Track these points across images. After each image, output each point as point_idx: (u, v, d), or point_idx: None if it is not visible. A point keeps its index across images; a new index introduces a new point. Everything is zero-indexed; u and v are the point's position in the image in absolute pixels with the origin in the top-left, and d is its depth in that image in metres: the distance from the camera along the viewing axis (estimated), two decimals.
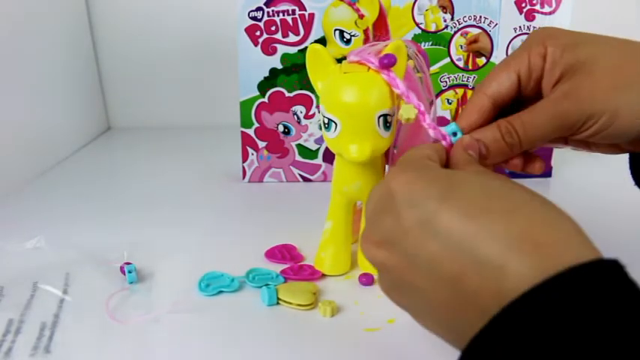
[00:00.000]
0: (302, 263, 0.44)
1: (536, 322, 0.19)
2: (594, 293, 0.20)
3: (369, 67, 0.36)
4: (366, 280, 0.41)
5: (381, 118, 0.36)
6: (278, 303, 0.38)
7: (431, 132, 0.35)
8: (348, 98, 0.35)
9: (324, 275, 0.42)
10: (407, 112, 0.34)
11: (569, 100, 0.30)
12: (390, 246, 0.25)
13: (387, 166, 0.45)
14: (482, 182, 0.25)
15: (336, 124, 0.36)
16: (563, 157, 0.66)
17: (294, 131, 0.62)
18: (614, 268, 0.21)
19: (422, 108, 0.35)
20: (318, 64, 0.38)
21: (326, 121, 0.37)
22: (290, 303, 0.38)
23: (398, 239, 0.25)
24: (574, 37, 0.32)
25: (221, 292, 0.40)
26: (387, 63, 0.35)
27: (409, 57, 0.39)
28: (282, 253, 0.45)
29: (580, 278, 0.20)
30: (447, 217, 0.23)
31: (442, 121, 0.63)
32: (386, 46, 0.37)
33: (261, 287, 0.39)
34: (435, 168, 0.28)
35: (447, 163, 0.31)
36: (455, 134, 0.33)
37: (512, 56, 0.33)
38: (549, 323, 0.19)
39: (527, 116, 0.31)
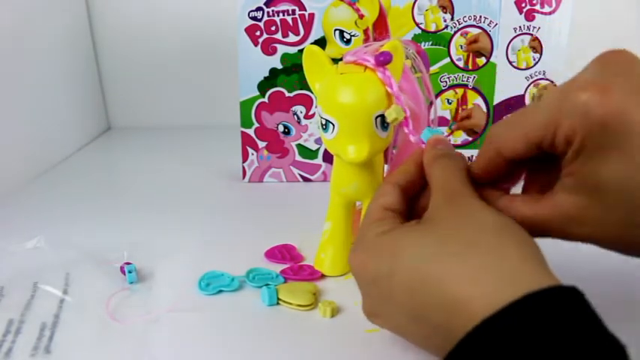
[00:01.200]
0: (302, 263, 0.44)
1: (494, 348, 0.21)
2: (551, 318, 0.21)
3: (366, 67, 0.36)
4: None
5: (379, 119, 0.36)
6: (278, 303, 0.38)
7: (412, 138, 0.35)
8: (345, 99, 0.35)
9: (323, 275, 0.42)
10: (395, 113, 0.35)
11: (568, 224, 0.26)
12: (375, 315, 0.30)
13: (385, 166, 0.45)
14: (419, 238, 0.27)
15: (333, 125, 0.36)
16: None
17: (294, 131, 0.62)
18: (570, 295, 0.22)
19: (408, 113, 0.35)
20: (315, 65, 0.38)
21: (323, 122, 0.37)
22: (290, 303, 0.38)
23: (375, 309, 0.30)
24: (618, 124, 0.23)
25: (221, 291, 0.40)
26: (383, 60, 0.35)
27: (407, 57, 0.39)
28: (282, 253, 0.45)
29: (537, 304, 0.21)
30: (400, 290, 0.26)
31: (442, 121, 0.63)
32: (382, 45, 0.37)
33: (261, 287, 0.39)
34: (384, 236, 0.29)
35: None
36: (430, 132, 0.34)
37: (535, 116, 0.26)
38: (506, 348, 0.20)
39: (526, 210, 0.28)
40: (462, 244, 0.25)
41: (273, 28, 0.59)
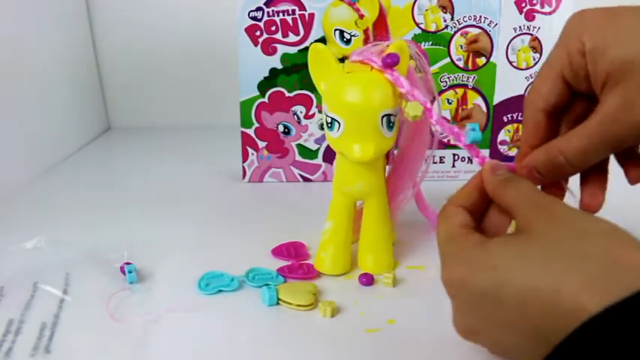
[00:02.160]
0: (305, 262, 0.44)
1: (602, 343, 0.20)
2: None
3: (372, 67, 0.36)
4: (366, 280, 0.41)
5: (385, 118, 0.36)
6: (278, 303, 0.38)
7: (438, 128, 0.34)
8: (352, 98, 0.35)
9: (320, 274, 0.42)
10: (413, 109, 0.34)
11: (620, 118, 0.28)
12: (473, 333, 0.29)
13: (387, 167, 0.45)
14: (523, 250, 0.26)
15: (339, 123, 0.36)
16: None
17: (294, 131, 0.62)
18: None
19: (428, 105, 0.35)
20: (321, 64, 0.38)
21: (329, 120, 0.37)
22: (290, 303, 0.38)
23: (475, 325, 0.28)
24: (614, 24, 0.28)
25: (220, 291, 0.40)
26: (390, 62, 0.35)
27: (411, 57, 0.39)
28: (289, 250, 0.45)
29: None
30: (509, 304, 0.25)
31: None
32: (388, 46, 0.37)
33: (260, 287, 0.39)
34: (479, 249, 0.28)
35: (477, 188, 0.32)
36: (474, 129, 0.33)
37: (552, 57, 0.31)
38: (615, 345, 0.20)
39: (575, 141, 0.30)
40: (571, 254, 0.24)
41: (273, 28, 0.59)
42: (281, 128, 0.62)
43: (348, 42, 0.58)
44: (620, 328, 0.20)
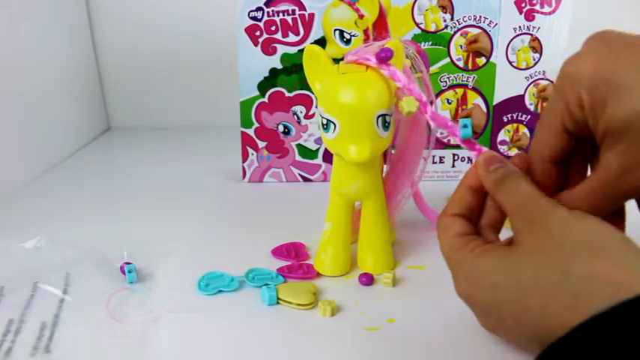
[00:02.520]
0: (304, 262, 0.44)
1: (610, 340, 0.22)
2: None
3: (367, 66, 0.36)
4: (366, 279, 0.41)
5: (380, 119, 0.36)
6: (278, 303, 0.38)
7: (432, 123, 0.34)
8: (347, 99, 0.35)
9: (319, 274, 0.42)
10: (408, 104, 0.34)
11: (620, 180, 0.27)
12: (495, 331, 0.31)
13: (384, 167, 0.45)
14: (514, 267, 0.27)
15: (334, 124, 0.36)
16: None
17: (294, 131, 0.62)
18: None
19: (424, 99, 0.34)
20: (316, 65, 0.38)
21: (324, 122, 0.37)
22: (290, 302, 0.38)
23: (495, 328, 0.30)
24: (612, 74, 0.26)
25: (220, 291, 0.40)
26: (385, 57, 0.35)
27: (407, 57, 0.39)
28: (289, 250, 0.45)
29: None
30: (508, 318, 0.28)
31: None
32: (382, 45, 0.37)
33: (260, 287, 0.39)
34: (478, 263, 0.29)
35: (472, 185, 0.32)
36: (466, 126, 0.32)
37: (551, 108, 0.30)
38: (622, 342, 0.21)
39: (577, 201, 0.29)
40: (557, 271, 0.25)
41: (273, 28, 0.59)
42: (281, 128, 0.62)
43: (348, 42, 0.58)
44: (597, 339, 0.22)
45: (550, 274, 0.25)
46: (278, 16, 0.58)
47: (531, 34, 0.60)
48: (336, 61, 0.38)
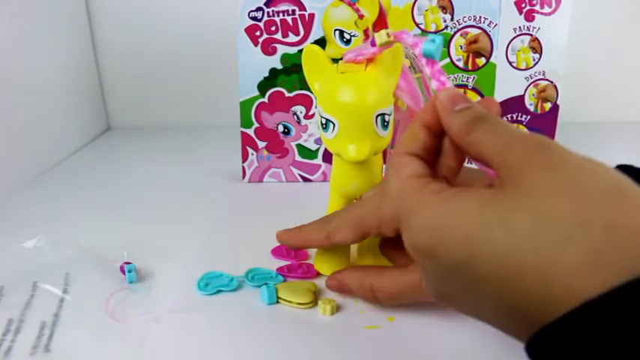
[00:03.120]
0: (304, 262, 0.44)
1: (607, 326, 0.17)
2: None
3: (366, 65, 0.36)
4: None
5: (379, 118, 0.36)
6: (278, 302, 0.38)
7: (408, 39, 0.31)
8: (346, 98, 0.35)
9: (319, 274, 0.42)
10: (379, 37, 0.33)
11: (424, 289, 0.26)
12: (447, 299, 0.25)
13: (384, 166, 0.45)
14: (506, 212, 0.21)
15: (333, 124, 0.36)
16: None
17: (294, 131, 0.62)
18: None
19: (409, 35, 0.31)
20: (315, 65, 0.38)
21: (324, 121, 0.37)
22: (290, 302, 0.38)
23: (448, 294, 0.24)
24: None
25: (220, 291, 0.40)
26: None
27: (406, 57, 0.39)
28: (289, 250, 0.45)
29: None
30: (485, 282, 0.21)
31: None
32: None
33: (260, 287, 0.39)
34: (446, 204, 0.23)
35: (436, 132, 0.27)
36: (433, 41, 0.27)
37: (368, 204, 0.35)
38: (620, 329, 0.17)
39: (386, 289, 0.35)
40: (568, 220, 0.19)
41: (273, 28, 0.59)
42: (281, 128, 0.62)
43: (348, 42, 0.58)
44: (615, 318, 0.17)
45: (558, 225, 0.19)
46: (278, 16, 0.58)
47: (531, 35, 0.60)
48: (336, 61, 0.38)
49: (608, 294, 0.17)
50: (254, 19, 0.58)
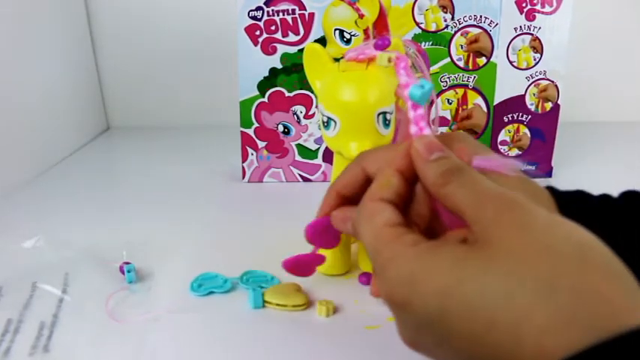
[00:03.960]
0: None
1: None
2: None
3: (367, 64, 0.36)
4: (366, 279, 0.41)
5: (381, 116, 0.36)
6: (264, 306, 0.38)
7: (402, 79, 0.30)
8: (348, 96, 0.35)
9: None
10: (380, 59, 0.33)
11: None
12: (418, 347, 0.25)
13: None
14: (479, 270, 0.21)
15: (335, 122, 0.36)
16: (563, 157, 0.66)
17: (293, 131, 0.62)
18: None
19: (405, 60, 0.31)
20: (316, 63, 0.38)
21: (325, 119, 0.37)
22: (284, 305, 0.37)
23: (420, 343, 0.24)
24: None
25: (212, 292, 0.40)
26: (382, 44, 0.35)
27: (407, 56, 0.39)
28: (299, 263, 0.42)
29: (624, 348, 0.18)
30: (458, 335, 0.21)
31: (443, 121, 0.63)
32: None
33: (254, 289, 0.39)
34: (420, 261, 0.23)
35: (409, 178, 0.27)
36: (422, 87, 0.27)
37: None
38: None
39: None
40: (538, 280, 0.20)
41: (273, 28, 0.59)
42: (281, 128, 0.62)
43: (348, 42, 0.58)
44: None
45: (527, 285, 0.20)
46: (278, 15, 0.58)
47: (532, 34, 0.60)
48: (337, 60, 0.38)
49: (574, 357, 0.18)
50: (254, 18, 0.58)
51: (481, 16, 0.59)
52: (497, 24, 0.59)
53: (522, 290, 0.20)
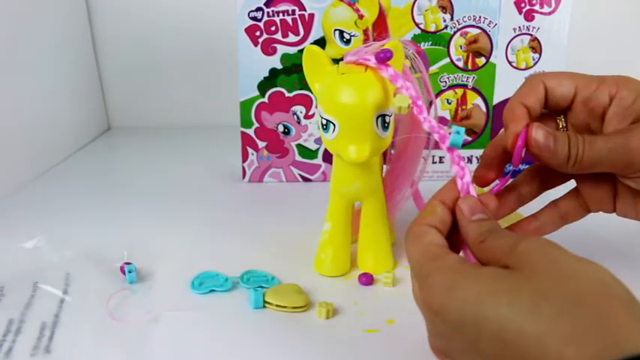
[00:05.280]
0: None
1: None
2: None
3: (367, 67, 0.36)
4: (366, 279, 0.41)
5: (380, 119, 0.36)
6: (264, 307, 0.38)
7: (426, 125, 0.34)
8: (347, 99, 0.35)
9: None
10: (400, 101, 0.34)
11: (634, 138, 0.31)
12: (446, 355, 0.28)
13: (384, 167, 0.45)
14: (513, 287, 0.24)
15: (334, 125, 0.36)
16: None
17: (294, 131, 0.62)
18: None
19: (419, 102, 0.34)
20: (315, 65, 0.38)
21: (324, 122, 0.37)
22: (284, 307, 0.37)
23: (449, 350, 0.27)
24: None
25: (213, 291, 0.40)
26: (384, 57, 0.35)
27: (406, 57, 0.39)
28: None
29: None
30: (488, 341, 0.23)
31: (442, 122, 0.63)
32: (382, 45, 0.37)
33: (255, 289, 0.39)
34: (457, 275, 0.26)
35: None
36: (458, 132, 0.32)
37: (579, 75, 0.35)
38: None
39: (596, 137, 0.32)
40: (564, 297, 0.22)
41: (273, 29, 0.59)
42: (281, 128, 0.62)
43: (347, 42, 0.58)
44: None
45: (554, 300, 0.22)
46: (278, 16, 0.58)
47: (531, 35, 0.60)
48: (336, 61, 0.38)
49: None
50: (254, 19, 0.58)
51: (480, 17, 0.59)
52: (496, 24, 0.59)
53: (549, 304, 0.22)
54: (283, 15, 0.58)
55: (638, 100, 0.32)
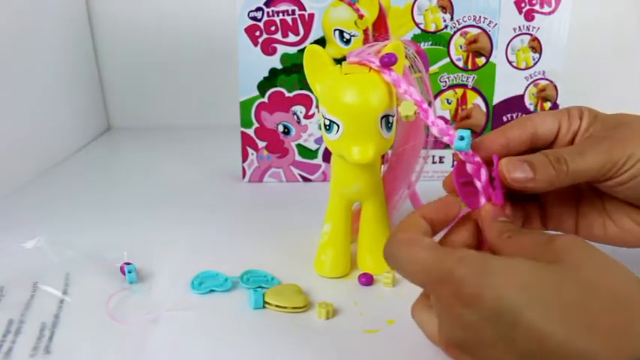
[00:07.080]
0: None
1: None
2: None
3: (370, 68, 0.36)
4: (366, 280, 0.41)
5: (384, 119, 0.36)
6: (264, 307, 0.38)
7: (434, 130, 0.34)
8: (351, 100, 0.35)
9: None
10: (405, 108, 0.34)
11: (613, 140, 0.32)
12: (465, 351, 0.27)
13: (383, 167, 0.45)
14: (560, 278, 0.24)
15: (338, 125, 0.36)
16: None
17: (294, 131, 0.62)
18: None
19: (425, 105, 0.35)
20: (317, 65, 0.38)
21: (327, 122, 0.37)
22: (284, 307, 0.37)
23: (471, 344, 0.26)
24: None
25: (212, 291, 0.40)
26: (388, 62, 0.35)
27: (406, 57, 0.39)
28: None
29: None
30: (527, 333, 0.23)
31: None
32: (385, 46, 0.37)
33: (255, 289, 0.39)
34: (505, 261, 0.26)
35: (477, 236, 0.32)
36: (462, 138, 0.32)
37: (551, 112, 0.36)
38: None
39: (573, 149, 0.33)
40: (610, 293, 0.23)
41: (272, 29, 0.59)
42: (281, 128, 0.62)
43: (347, 42, 0.58)
44: None
45: (606, 291, 0.23)
46: (278, 16, 0.58)
47: (531, 34, 0.60)
48: (337, 61, 0.38)
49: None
50: (254, 19, 0.58)
51: (480, 17, 0.59)
52: (496, 24, 0.59)
53: (597, 297, 0.23)
54: (283, 15, 0.58)
55: (601, 117, 0.34)
